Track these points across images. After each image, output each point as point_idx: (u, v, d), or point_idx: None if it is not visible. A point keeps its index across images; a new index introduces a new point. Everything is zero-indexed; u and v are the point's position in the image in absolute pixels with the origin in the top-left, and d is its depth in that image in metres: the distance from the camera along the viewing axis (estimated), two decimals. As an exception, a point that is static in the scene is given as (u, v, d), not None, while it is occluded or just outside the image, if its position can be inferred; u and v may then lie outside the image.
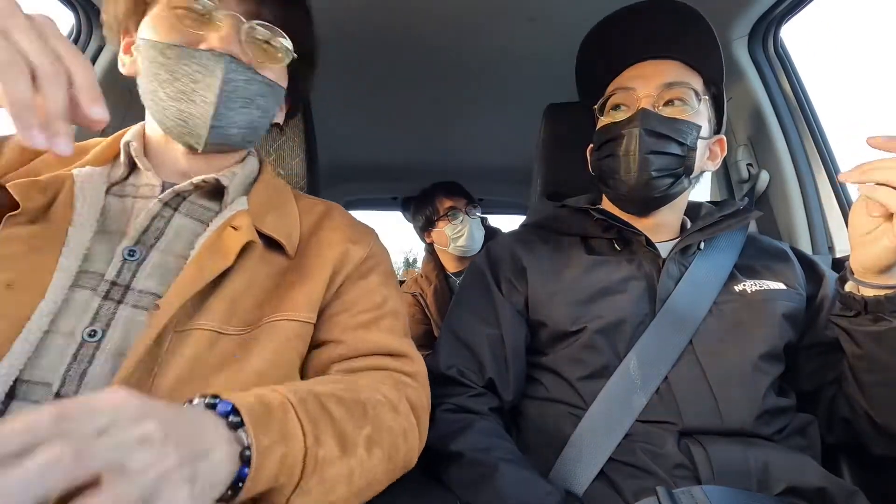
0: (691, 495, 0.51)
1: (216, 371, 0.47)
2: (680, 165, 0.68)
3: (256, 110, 0.57)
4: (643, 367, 0.63)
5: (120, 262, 0.49)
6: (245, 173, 0.62)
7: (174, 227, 0.53)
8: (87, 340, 0.44)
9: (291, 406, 0.41)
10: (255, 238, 0.54)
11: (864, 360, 0.59)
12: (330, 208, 0.69)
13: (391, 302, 0.62)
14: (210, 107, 0.53)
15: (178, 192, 0.55)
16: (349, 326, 0.57)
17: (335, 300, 0.59)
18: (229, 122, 0.55)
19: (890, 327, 0.54)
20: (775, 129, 1.06)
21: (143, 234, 0.51)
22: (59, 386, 0.43)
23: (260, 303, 0.53)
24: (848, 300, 0.57)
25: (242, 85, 0.55)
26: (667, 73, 0.69)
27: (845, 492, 0.57)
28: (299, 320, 0.54)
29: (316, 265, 0.58)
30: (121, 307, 0.47)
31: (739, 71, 1.07)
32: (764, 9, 0.99)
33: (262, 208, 0.59)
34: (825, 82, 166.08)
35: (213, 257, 0.50)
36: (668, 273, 0.69)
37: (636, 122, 0.67)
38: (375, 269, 0.63)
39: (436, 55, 1.21)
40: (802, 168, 1.03)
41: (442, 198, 1.65)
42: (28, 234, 0.46)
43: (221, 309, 0.49)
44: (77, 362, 0.43)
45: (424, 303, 1.64)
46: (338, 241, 0.62)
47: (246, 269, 0.53)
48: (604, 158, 0.71)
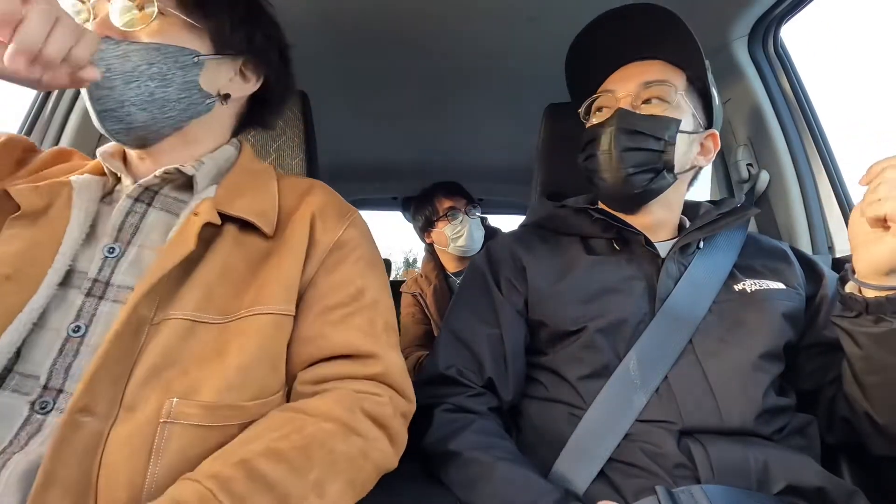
0: (691, 495, 0.51)
1: (196, 362, 0.47)
2: (658, 160, 0.68)
3: (151, 81, 0.53)
4: (643, 366, 0.63)
5: (101, 260, 0.50)
6: (216, 162, 0.61)
7: (149, 222, 0.54)
8: (71, 336, 0.47)
9: (211, 494, 0.39)
10: (215, 219, 0.53)
11: (865, 361, 0.59)
12: (312, 185, 0.66)
13: (370, 292, 0.59)
14: (91, 95, 0.52)
15: (147, 187, 0.55)
16: (318, 322, 0.55)
17: (309, 290, 0.57)
18: (118, 103, 0.52)
19: (891, 328, 0.54)
20: (775, 129, 1.06)
21: (120, 232, 0.52)
22: (47, 379, 0.45)
23: (238, 290, 0.52)
24: (849, 301, 0.57)
25: (117, 62, 0.51)
26: (647, 72, 0.71)
27: (845, 492, 0.57)
28: (277, 313, 0.53)
29: (290, 247, 0.56)
30: (102, 303, 0.49)
31: (739, 71, 1.07)
32: (764, 9, 0.99)
33: (232, 193, 0.58)
34: (825, 82, 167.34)
35: (175, 247, 0.50)
36: (667, 272, 0.69)
37: (612, 121, 0.69)
38: (349, 256, 0.60)
39: (436, 55, 1.21)
40: (802, 168, 1.03)
41: (441, 198, 1.65)
42: (29, 234, 0.49)
43: (195, 297, 0.49)
44: (62, 356, 0.46)
45: (424, 303, 1.64)
46: (309, 221, 0.59)
47: (218, 254, 0.53)
48: (586, 159, 0.73)
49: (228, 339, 0.49)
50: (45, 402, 0.44)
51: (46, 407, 0.44)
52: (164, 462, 0.42)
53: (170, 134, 0.57)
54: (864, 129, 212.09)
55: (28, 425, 0.43)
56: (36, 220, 0.50)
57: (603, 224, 0.74)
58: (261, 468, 0.42)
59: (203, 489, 0.39)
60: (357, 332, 0.56)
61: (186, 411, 0.44)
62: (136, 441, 0.42)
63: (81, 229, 0.51)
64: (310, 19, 1.06)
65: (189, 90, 0.56)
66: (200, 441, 0.45)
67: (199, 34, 0.57)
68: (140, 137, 0.56)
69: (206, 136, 0.62)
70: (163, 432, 0.43)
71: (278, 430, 0.46)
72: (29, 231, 0.49)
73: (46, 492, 0.38)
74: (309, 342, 0.55)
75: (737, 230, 0.75)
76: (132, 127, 0.54)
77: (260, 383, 0.50)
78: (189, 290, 0.50)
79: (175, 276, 0.49)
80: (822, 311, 0.70)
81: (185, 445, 0.44)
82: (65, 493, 0.39)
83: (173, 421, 0.44)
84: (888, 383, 0.58)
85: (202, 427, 0.45)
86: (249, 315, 0.51)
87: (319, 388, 0.53)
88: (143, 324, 0.46)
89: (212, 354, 0.48)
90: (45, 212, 0.51)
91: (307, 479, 0.44)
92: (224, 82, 0.61)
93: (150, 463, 0.42)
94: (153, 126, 0.55)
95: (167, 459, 0.42)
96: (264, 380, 0.50)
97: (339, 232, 0.61)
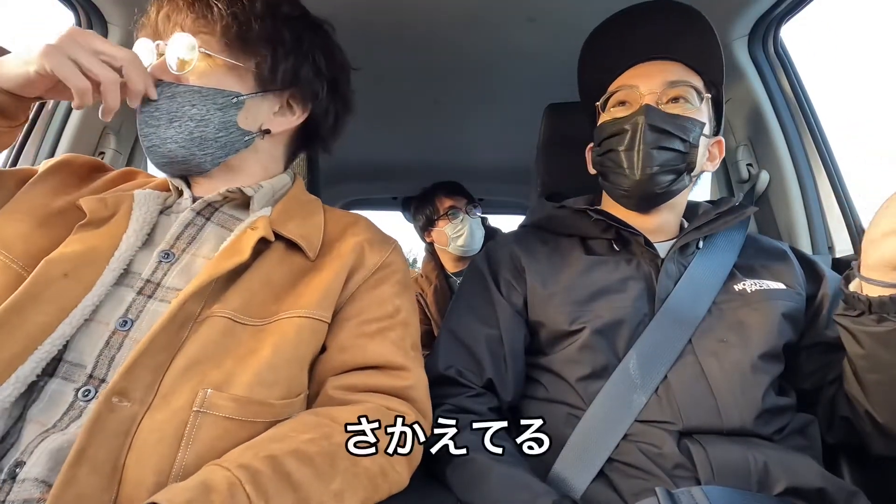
0: (691, 495, 0.50)
1: (232, 358, 0.50)
2: (683, 162, 0.68)
3: (190, 122, 0.58)
4: (643, 366, 0.63)
5: (155, 264, 0.55)
6: (273, 187, 0.66)
7: (205, 234, 0.59)
8: (118, 329, 0.50)
9: (240, 484, 0.40)
10: (269, 236, 0.57)
11: (867, 360, 0.58)
12: (357, 219, 0.71)
13: (403, 313, 0.63)
14: (141, 132, 0.58)
15: (209, 203, 0.61)
16: (354, 333, 0.59)
17: (348, 304, 0.60)
18: (162, 140, 0.58)
19: (893, 328, 0.54)
20: (775, 129, 1.06)
21: (177, 240, 0.57)
22: (92, 368, 0.48)
23: (277, 298, 0.56)
24: (852, 300, 0.57)
25: (164, 102, 0.57)
26: (669, 72, 0.70)
27: (846, 492, 0.57)
28: (314, 318, 0.56)
29: (333, 266, 0.60)
30: (150, 301, 0.52)
31: (739, 71, 1.07)
32: (764, 9, 0.99)
33: (284, 215, 0.63)
34: (825, 82, 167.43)
35: (229, 254, 0.54)
36: (666, 273, 0.69)
37: (640, 117, 0.67)
38: (391, 277, 0.64)
39: (436, 55, 1.21)
40: (802, 168, 1.03)
41: (442, 197, 1.66)
42: (90, 237, 0.54)
43: (237, 300, 0.53)
44: (108, 348, 0.49)
45: (425, 303, 1.64)
46: (356, 246, 0.63)
47: (263, 267, 0.57)
48: (606, 154, 0.71)
49: (264, 338, 0.52)
50: (88, 391, 0.47)
51: (89, 395, 0.47)
52: (193, 450, 0.44)
53: (210, 168, 0.62)
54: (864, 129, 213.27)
55: (71, 410, 0.46)
56: (99, 226, 0.55)
57: (602, 225, 0.74)
58: (288, 467, 0.43)
59: (232, 477, 0.40)
60: (391, 345, 0.59)
61: (218, 403, 0.47)
62: (167, 427, 0.44)
63: (138, 235, 0.55)
64: (309, 19, 1.06)
65: (227, 129, 0.60)
66: (229, 434, 0.46)
67: (243, 73, 0.60)
68: (181, 170, 0.62)
69: (252, 166, 0.66)
70: (195, 421, 0.45)
71: (307, 433, 0.48)
72: (91, 235, 0.54)
73: (77, 468, 0.40)
74: (345, 350, 0.58)
75: (736, 230, 0.75)
76: (174, 161, 0.59)
77: (288, 383, 0.52)
78: (233, 294, 0.53)
79: (223, 281, 0.53)
80: (822, 311, 0.69)
81: (215, 437, 0.46)
82: (93, 471, 0.41)
83: (205, 411, 0.46)
84: (889, 382, 0.58)
85: (232, 420, 0.47)
86: (286, 318, 0.54)
87: (350, 395, 0.55)
88: (189, 319, 0.50)
89: (247, 352, 0.51)
90: (108, 220, 0.56)
91: (329, 488, 0.45)
92: (266, 118, 0.64)
93: (180, 450, 0.44)
94: (192, 161, 0.60)
95: (196, 448, 0.44)
96: (292, 380, 0.53)
97: (384, 255, 0.65)
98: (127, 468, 0.42)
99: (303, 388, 0.55)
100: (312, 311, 0.56)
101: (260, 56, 0.60)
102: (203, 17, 0.58)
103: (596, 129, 0.75)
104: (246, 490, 0.40)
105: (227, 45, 0.59)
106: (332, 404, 0.54)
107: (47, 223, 0.55)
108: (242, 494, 0.39)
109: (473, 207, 1.66)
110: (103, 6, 0.99)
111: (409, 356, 0.60)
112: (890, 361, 0.57)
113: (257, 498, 0.40)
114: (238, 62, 0.59)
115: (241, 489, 0.40)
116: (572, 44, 0.81)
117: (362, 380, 0.56)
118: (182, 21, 0.58)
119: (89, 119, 1.02)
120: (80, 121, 1.02)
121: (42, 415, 0.45)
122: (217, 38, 0.59)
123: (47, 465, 0.41)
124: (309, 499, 0.43)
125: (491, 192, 2.14)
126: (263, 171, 0.67)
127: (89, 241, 0.53)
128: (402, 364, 0.58)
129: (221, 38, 0.59)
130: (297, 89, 0.65)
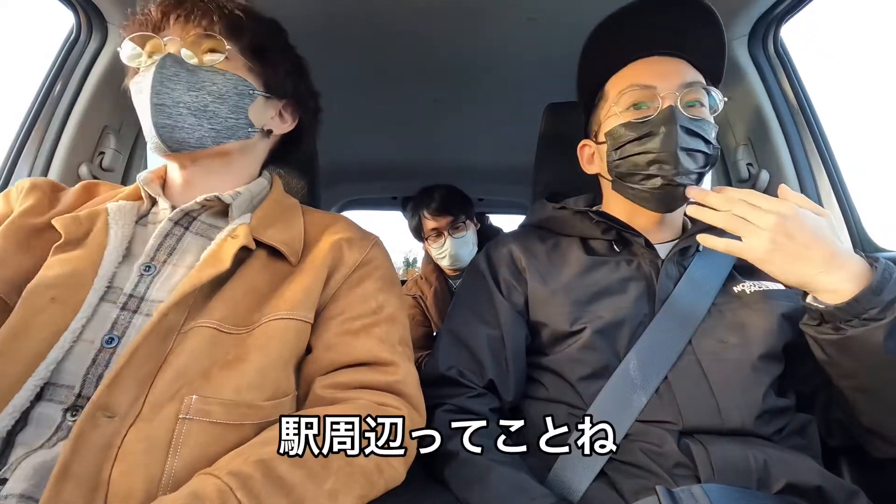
0: (691, 494, 0.50)
1: (219, 366, 0.50)
2: (707, 164, 0.68)
3: (209, 95, 0.59)
4: (643, 367, 0.63)
5: (137, 277, 0.54)
6: (251, 193, 0.67)
7: (185, 244, 0.59)
8: (105, 346, 0.50)
9: (230, 491, 0.40)
10: (250, 244, 0.57)
11: (833, 368, 0.59)
12: (336, 219, 0.71)
13: (388, 308, 0.63)
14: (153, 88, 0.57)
15: (187, 212, 0.60)
16: (339, 331, 0.59)
17: (331, 303, 0.61)
18: (174, 102, 0.57)
19: (847, 336, 0.54)
20: (775, 128, 1.06)
21: (157, 251, 0.57)
22: (80, 388, 0.47)
23: (260, 304, 0.56)
24: (809, 310, 0.58)
25: (185, 73, 0.58)
26: (682, 72, 0.69)
27: (845, 491, 0.57)
28: (296, 319, 0.56)
29: (313, 267, 0.61)
30: (135, 316, 0.52)
31: (739, 71, 1.07)
32: (764, 8, 0.99)
33: (264, 221, 0.63)
34: (825, 82, 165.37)
35: (210, 264, 0.54)
36: (666, 274, 0.69)
37: (671, 119, 0.65)
38: (373, 273, 0.65)
39: (436, 55, 1.21)
40: (802, 168, 1.03)
41: (427, 218, 1.62)
42: (71, 258, 0.53)
43: (221, 310, 0.53)
44: (95, 366, 0.48)
45: (424, 305, 1.64)
46: (334, 245, 0.63)
47: (246, 275, 0.57)
48: (629, 156, 0.69)
49: (249, 344, 0.52)
50: (77, 409, 0.47)
51: (77, 414, 0.46)
52: (181, 457, 0.44)
53: (209, 146, 0.61)
54: (864, 129, 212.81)
55: (60, 430, 0.46)
56: (77, 245, 0.55)
57: (603, 225, 0.74)
58: (279, 470, 0.43)
59: (222, 485, 0.40)
60: (377, 341, 0.59)
61: (205, 408, 0.47)
62: (154, 436, 0.44)
63: (118, 251, 0.55)
64: (310, 19, 1.06)
65: (238, 114, 0.63)
66: (218, 439, 0.46)
67: (256, 77, 0.65)
68: (180, 140, 0.59)
69: (242, 162, 0.68)
70: (182, 428, 0.45)
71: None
72: (71, 256, 0.54)
73: (62, 483, 0.40)
74: (331, 349, 0.58)
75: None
76: (177, 126, 0.58)
77: (275, 385, 0.53)
78: (218, 304, 0.53)
79: (205, 291, 0.53)
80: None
81: (203, 442, 0.46)
82: (78, 487, 0.40)
83: (192, 417, 0.46)
84: (860, 388, 0.58)
85: (220, 425, 0.47)
86: (269, 321, 0.54)
87: (339, 393, 0.55)
88: (172, 330, 0.50)
89: (233, 359, 0.51)
90: (85, 237, 0.56)
91: (323, 489, 0.45)
92: (267, 119, 0.69)
93: (168, 458, 0.44)
94: (197, 132, 0.59)
95: (185, 455, 0.44)
96: (279, 381, 0.53)
97: (364, 252, 0.66)
98: (113, 481, 0.42)
99: (291, 389, 0.55)
100: (294, 312, 0.56)
101: (270, 66, 0.67)
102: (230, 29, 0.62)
103: (611, 130, 0.71)
104: (237, 496, 0.40)
105: (244, 51, 0.64)
106: (321, 404, 0.54)
107: (26, 246, 0.55)
108: (234, 501, 0.39)
109: (461, 222, 1.61)
110: (103, 6, 0.99)
111: (396, 351, 0.60)
112: (853, 368, 0.57)
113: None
114: (254, 66, 0.65)
115: (233, 496, 0.40)
116: (572, 44, 0.80)
117: (351, 377, 0.56)
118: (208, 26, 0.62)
119: (89, 119, 1.03)
120: (81, 121, 1.02)
121: (30, 438, 0.45)
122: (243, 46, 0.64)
123: (31, 480, 0.41)
124: (303, 500, 0.43)
125: (491, 192, 2.15)
126: (246, 172, 0.69)
127: (71, 262, 0.53)
128: (390, 359, 0.58)
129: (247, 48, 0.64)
130: (291, 100, 0.71)
